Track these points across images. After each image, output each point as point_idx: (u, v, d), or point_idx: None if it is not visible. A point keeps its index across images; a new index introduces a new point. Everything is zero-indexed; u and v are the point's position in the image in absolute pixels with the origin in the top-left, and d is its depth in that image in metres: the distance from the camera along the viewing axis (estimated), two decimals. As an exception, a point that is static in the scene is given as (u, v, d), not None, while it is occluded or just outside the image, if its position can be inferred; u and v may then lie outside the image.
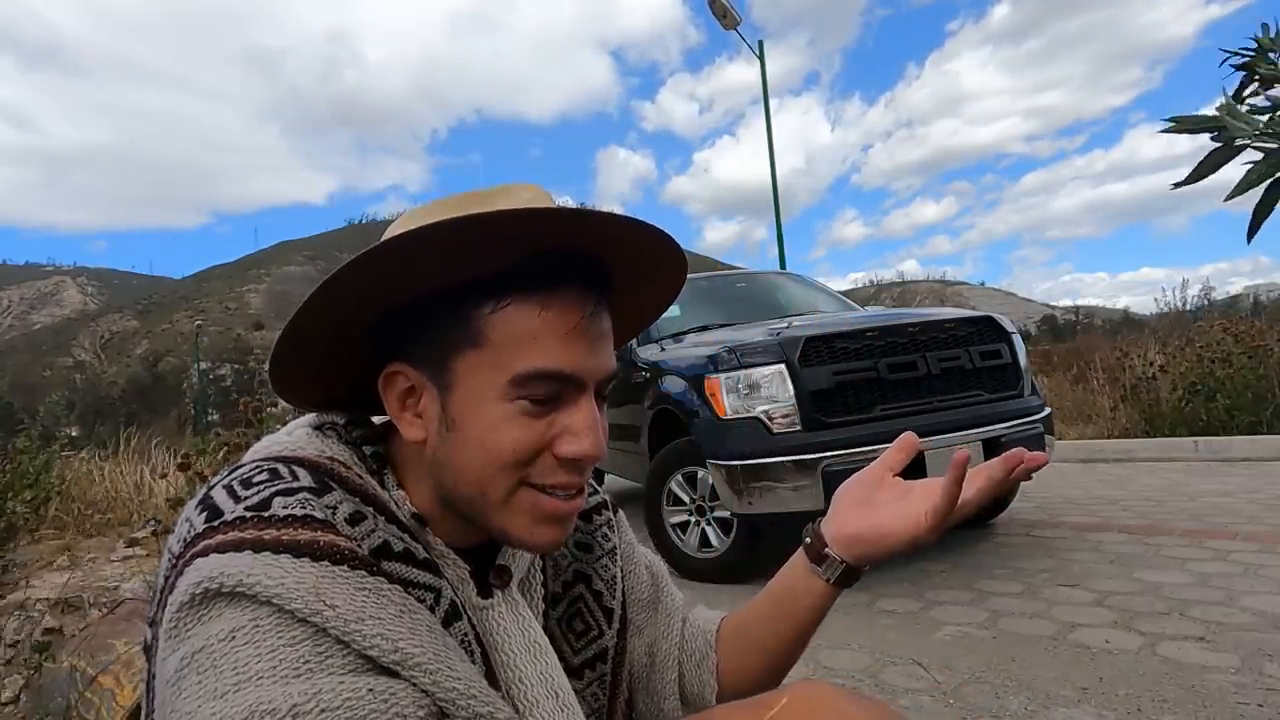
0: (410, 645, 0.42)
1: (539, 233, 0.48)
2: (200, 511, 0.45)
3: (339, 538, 0.44)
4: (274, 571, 0.40)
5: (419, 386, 0.52)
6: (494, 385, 0.49)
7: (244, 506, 0.44)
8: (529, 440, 0.50)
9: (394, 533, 0.49)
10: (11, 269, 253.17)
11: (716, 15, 9.50)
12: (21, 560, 3.49)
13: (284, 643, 0.39)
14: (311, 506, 0.45)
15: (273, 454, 0.51)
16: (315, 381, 0.57)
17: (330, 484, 0.48)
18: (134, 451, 6.16)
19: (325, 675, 0.39)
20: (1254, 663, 1.76)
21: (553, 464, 0.51)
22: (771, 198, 10.03)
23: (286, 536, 0.42)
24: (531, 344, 0.49)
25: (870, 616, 2.39)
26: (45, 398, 48.09)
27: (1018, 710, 1.66)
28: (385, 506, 0.51)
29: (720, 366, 2.82)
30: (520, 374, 0.49)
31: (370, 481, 0.52)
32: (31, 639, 2.08)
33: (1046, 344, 10.07)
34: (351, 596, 0.41)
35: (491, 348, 0.49)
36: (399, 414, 0.53)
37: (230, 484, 0.47)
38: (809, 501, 2.57)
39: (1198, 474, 4.32)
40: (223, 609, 0.40)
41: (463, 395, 0.50)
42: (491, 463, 0.50)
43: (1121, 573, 2.53)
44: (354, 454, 0.54)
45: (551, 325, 0.49)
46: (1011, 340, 3.04)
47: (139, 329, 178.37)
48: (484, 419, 0.50)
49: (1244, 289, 13.25)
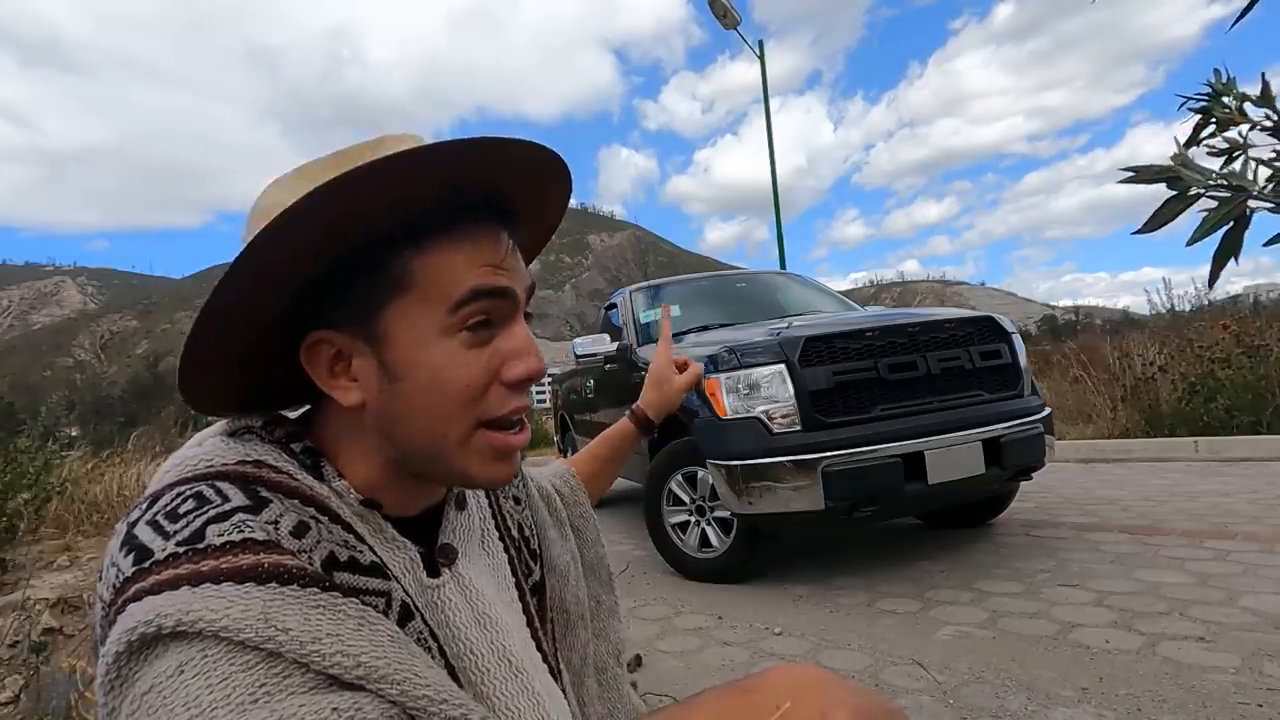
0: (372, 659, 0.40)
1: (444, 169, 0.48)
2: (126, 553, 0.41)
3: (284, 556, 0.42)
4: (216, 604, 0.38)
5: (346, 349, 0.51)
6: (433, 322, 0.50)
7: (175, 542, 0.41)
8: (478, 373, 0.50)
9: (338, 538, 0.48)
10: (11, 269, 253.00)
11: (716, 15, 9.50)
12: (21, 560, 3.49)
13: (236, 669, 0.37)
14: (250, 528, 0.42)
15: (192, 473, 0.48)
16: (231, 378, 0.54)
17: (264, 495, 0.46)
18: (134, 451, 6.16)
19: (285, 697, 0.37)
20: (1254, 663, 1.76)
21: (503, 392, 0.52)
22: (772, 197, 10.03)
23: (226, 564, 0.40)
24: (462, 270, 0.50)
25: (870, 616, 2.39)
26: (45, 398, 48.10)
27: (1018, 710, 1.66)
28: (326, 505, 0.49)
29: (720, 366, 2.82)
30: (459, 298, 0.49)
31: (305, 480, 0.50)
32: (30, 639, 2.08)
33: (1046, 344, 10.05)
34: (305, 616, 0.39)
35: (421, 287, 0.49)
36: (330, 382, 0.52)
37: (154, 519, 0.43)
38: (809, 501, 2.57)
39: (1198, 474, 4.32)
40: (167, 646, 0.38)
41: (402, 343, 0.50)
42: (446, 403, 0.50)
43: (1121, 573, 2.53)
44: (281, 453, 0.51)
45: (474, 251, 0.50)
46: (1011, 340, 3.04)
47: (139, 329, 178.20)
48: (430, 361, 0.50)
49: (1244, 289, 13.24)
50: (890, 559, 3.05)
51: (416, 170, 0.46)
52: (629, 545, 3.88)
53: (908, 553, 3.12)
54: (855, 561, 3.06)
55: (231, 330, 0.50)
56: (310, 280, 0.50)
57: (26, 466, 4.01)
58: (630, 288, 4.59)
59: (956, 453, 2.65)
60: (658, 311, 4.17)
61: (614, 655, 0.78)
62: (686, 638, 2.40)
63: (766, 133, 10.05)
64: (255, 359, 0.53)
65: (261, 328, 0.51)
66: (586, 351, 4.15)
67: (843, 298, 4.68)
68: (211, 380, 0.53)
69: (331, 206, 0.45)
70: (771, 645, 2.25)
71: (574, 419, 5.36)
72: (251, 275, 0.47)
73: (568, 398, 5.56)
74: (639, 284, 4.68)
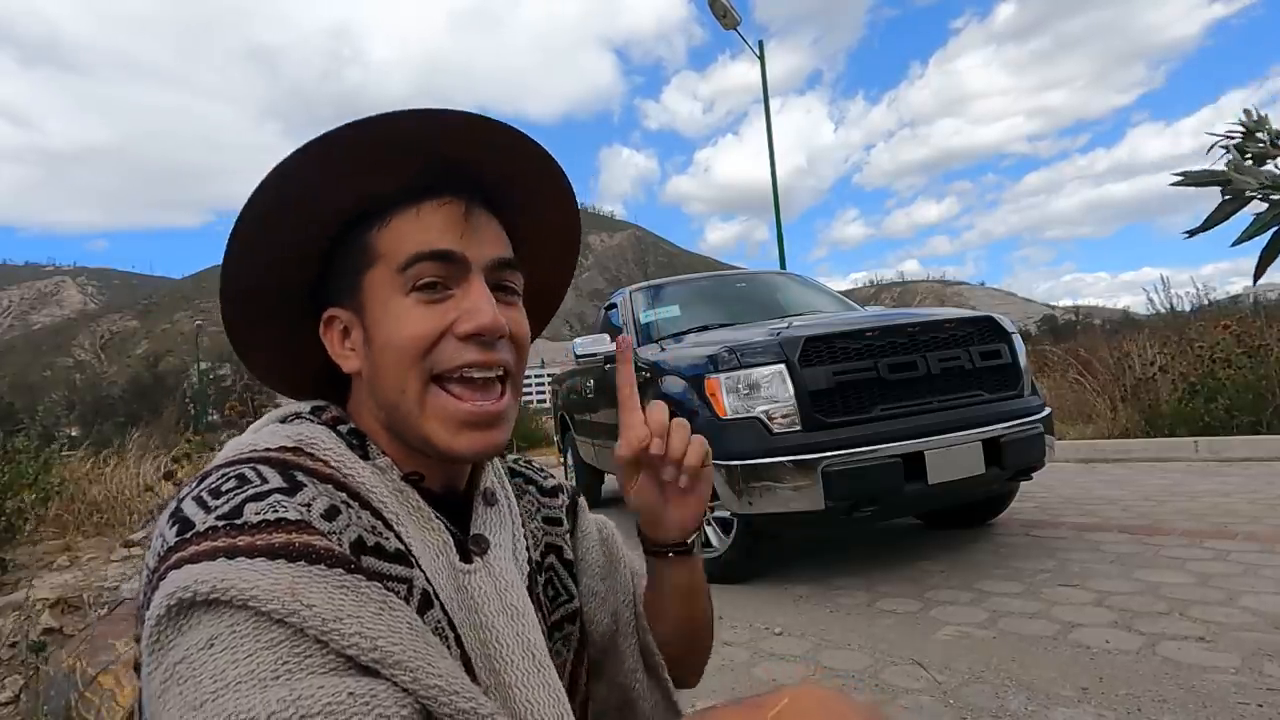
0: (389, 644, 0.42)
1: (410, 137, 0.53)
2: (172, 525, 0.45)
3: (314, 536, 0.44)
4: (248, 575, 0.40)
5: (348, 321, 0.58)
6: (389, 286, 0.54)
7: (215, 516, 0.44)
8: (426, 326, 0.54)
9: (366, 524, 0.50)
10: (11, 269, 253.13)
11: (716, 15, 9.50)
12: (21, 560, 3.49)
13: (261, 646, 0.39)
14: (284, 508, 0.45)
15: (237, 457, 0.51)
16: (288, 361, 0.62)
17: (300, 479, 0.48)
18: (134, 451, 6.16)
19: (304, 677, 0.38)
20: (1254, 663, 1.76)
21: (457, 345, 0.54)
22: (772, 197, 10.03)
23: (260, 541, 0.42)
24: (410, 237, 0.55)
25: (870, 616, 2.39)
26: (45, 398, 48.11)
27: (1018, 710, 1.66)
28: (358, 492, 0.51)
29: (720, 366, 2.82)
30: (403, 260, 0.54)
31: (345, 461, 0.53)
32: (30, 639, 2.08)
33: (1046, 344, 10.05)
34: (329, 595, 0.41)
35: (383, 259, 0.55)
36: (339, 352, 0.58)
37: (200, 494, 0.46)
38: (809, 501, 2.57)
39: (1198, 474, 4.32)
40: (200, 617, 0.40)
41: (372, 309, 0.55)
42: (399, 358, 0.54)
43: (1121, 573, 2.53)
44: (330, 434, 0.55)
45: (426, 220, 0.55)
46: (1011, 340, 3.04)
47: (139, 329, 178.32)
48: (388, 318, 0.54)
49: (1244, 289, 13.24)
50: (890, 559, 3.05)
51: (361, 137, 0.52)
52: (629, 545, 3.88)
53: (908, 553, 3.12)
54: (855, 561, 3.06)
55: (256, 312, 0.58)
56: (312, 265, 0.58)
57: (26, 466, 4.01)
58: (630, 288, 4.59)
59: (956, 453, 2.65)
60: (658, 312, 4.16)
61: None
62: (686, 638, 2.40)
63: (767, 133, 10.05)
64: (296, 342, 0.60)
65: (287, 310, 0.59)
66: (586, 352, 4.15)
67: (843, 298, 4.68)
68: (264, 363, 0.61)
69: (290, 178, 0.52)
70: (771, 645, 2.25)
71: (574, 419, 5.36)
72: (239, 251, 0.54)
73: (568, 398, 5.56)
74: (639, 284, 4.68)
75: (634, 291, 4.49)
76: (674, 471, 0.64)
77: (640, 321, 4.13)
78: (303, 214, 0.55)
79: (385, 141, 0.53)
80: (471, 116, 0.54)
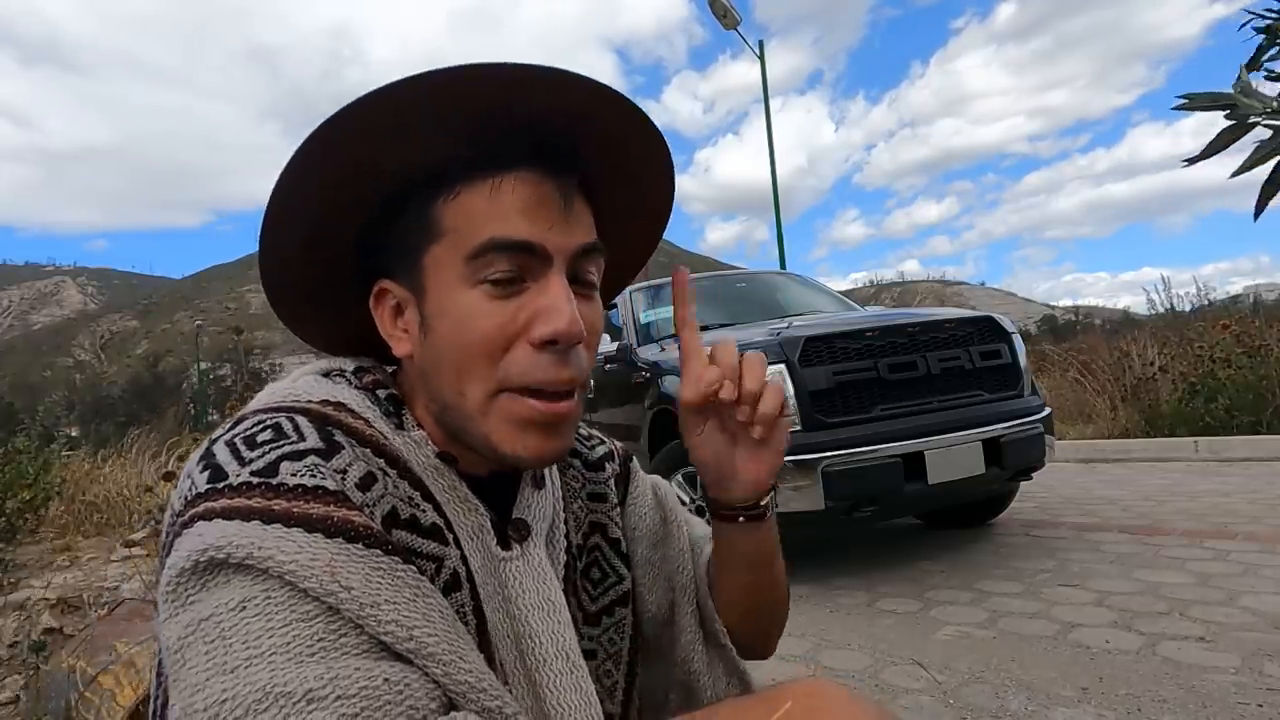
0: (425, 634, 0.40)
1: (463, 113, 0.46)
2: (203, 469, 0.43)
3: (353, 512, 0.42)
4: (287, 546, 0.38)
5: (403, 299, 0.52)
6: (455, 272, 0.48)
7: (250, 470, 0.42)
8: (496, 325, 0.47)
9: (404, 493, 0.48)
10: (11, 269, 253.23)
11: (717, 15, 9.51)
12: (21, 560, 3.49)
13: (297, 618, 0.37)
14: (322, 475, 0.43)
15: (276, 404, 0.48)
16: (321, 322, 0.57)
17: (337, 440, 0.46)
18: (134, 451, 6.16)
19: (340, 657, 0.37)
20: (1254, 663, 1.76)
21: (530, 354, 0.48)
22: (772, 197, 10.04)
23: (298, 509, 0.40)
24: (485, 219, 0.47)
25: (870, 616, 2.39)
26: (45, 398, 48.11)
27: (1018, 710, 1.66)
28: (397, 457, 0.49)
29: (720, 366, 2.82)
30: (474, 247, 0.47)
31: (382, 428, 0.50)
32: (30, 639, 2.08)
33: (1046, 344, 10.07)
34: (367, 577, 0.40)
35: (449, 235, 0.48)
36: (390, 331, 0.53)
37: (233, 441, 0.44)
38: (809, 501, 2.57)
39: (1198, 474, 4.32)
40: (231, 577, 0.38)
41: (433, 293, 0.49)
42: (465, 357, 0.48)
43: (1121, 573, 2.53)
44: (367, 398, 0.51)
45: (504, 200, 0.48)
46: (1011, 340, 3.04)
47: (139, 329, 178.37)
48: (452, 311, 0.48)
49: (1244, 289, 13.24)
50: (890, 559, 3.05)
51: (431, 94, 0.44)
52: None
53: (908, 553, 3.12)
54: (855, 561, 3.06)
55: (299, 272, 0.52)
56: (367, 228, 0.51)
57: (26, 466, 4.01)
58: (630, 288, 4.58)
59: (956, 453, 2.65)
60: (658, 311, 4.16)
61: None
62: (686, 638, 2.40)
63: (767, 133, 10.05)
64: (336, 308, 0.55)
65: (330, 272, 0.53)
66: (587, 352, 4.14)
67: (843, 298, 4.67)
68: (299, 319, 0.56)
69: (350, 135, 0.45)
70: (771, 645, 2.25)
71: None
72: (283, 205, 0.48)
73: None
74: (639, 284, 4.68)
75: (634, 291, 4.49)
76: (749, 414, 0.55)
77: (640, 321, 4.13)
78: (356, 175, 0.48)
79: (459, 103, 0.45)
80: (565, 74, 0.46)
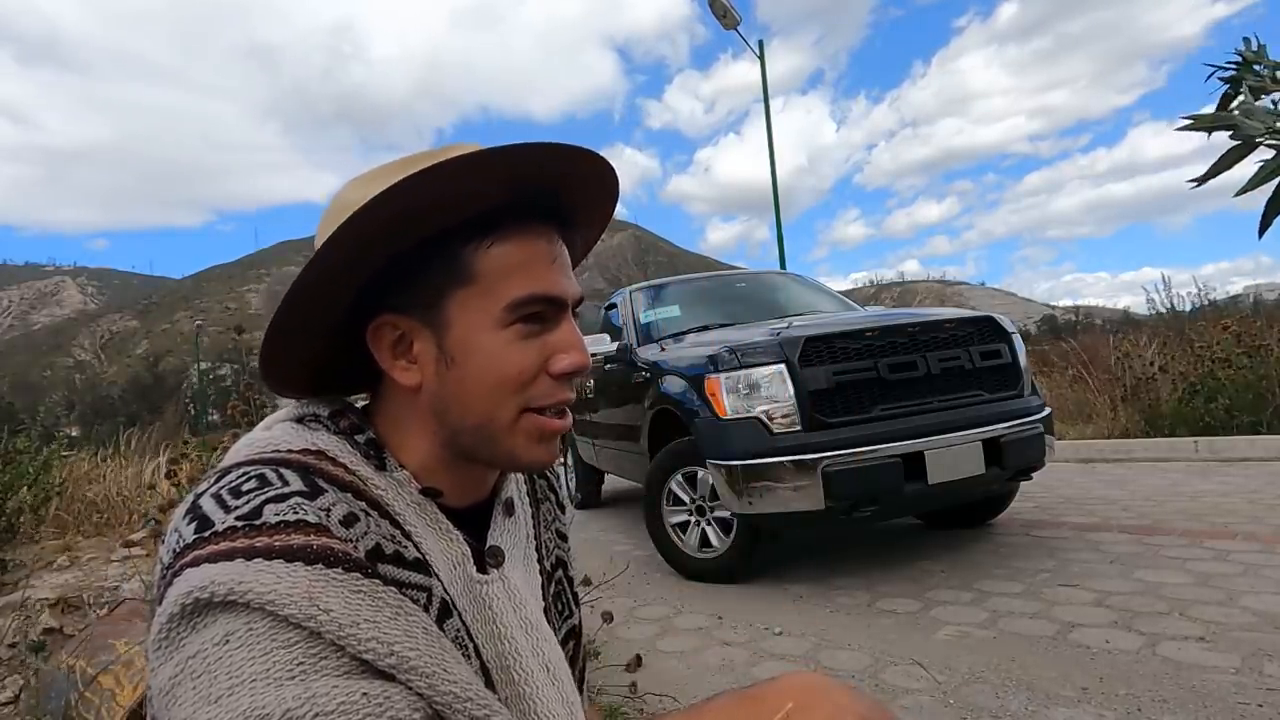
0: (406, 649, 0.42)
1: (518, 169, 0.52)
2: (189, 522, 0.44)
3: (333, 540, 0.44)
4: (266, 578, 0.40)
5: (410, 333, 0.55)
6: (490, 315, 0.54)
7: (235, 516, 0.43)
8: (528, 362, 0.54)
9: (385, 532, 0.50)
10: (11, 269, 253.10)
11: (717, 15, 9.50)
12: (21, 560, 3.49)
13: (278, 645, 0.39)
14: (304, 510, 0.44)
15: (258, 456, 0.50)
16: (304, 353, 0.58)
17: (321, 485, 0.48)
18: (134, 451, 6.16)
19: (319, 678, 0.39)
20: (1254, 663, 1.76)
21: (550, 383, 0.55)
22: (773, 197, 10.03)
23: (279, 542, 0.42)
24: (520, 273, 0.54)
25: (870, 616, 2.39)
26: (45, 398, 48.09)
27: (1018, 710, 1.66)
28: (378, 501, 0.51)
29: (720, 366, 2.82)
30: (515, 300, 0.54)
31: (363, 472, 0.53)
32: (30, 639, 2.08)
33: (1046, 344, 10.07)
34: (346, 600, 0.41)
35: (482, 282, 0.54)
36: (391, 363, 0.56)
37: (219, 493, 0.46)
38: (809, 502, 2.57)
39: (1198, 474, 4.32)
40: (216, 615, 0.40)
41: (460, 331, 0.54)
42: (499, 388, 0.54)
43: (1121, 573, 2.53)
44: (345, 443, 0.54)
45: (532, 256, 0.55)
46: (1011, 340, 3.04)
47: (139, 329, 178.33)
48: (486, 348, 0.54)
49: (1244, 289, 13.25)
50: (890, 559, 3.05)
51: (482, 168, 0.51)
52: (629, 545, 3.88)
53: (908, 553, 3.12)
54: (855, 561, 3.06)
55: (312, 312, 0.54)
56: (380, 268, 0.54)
57: (26, 466, 4.01)
58: (630, 288, 4.59)
59: (956, 453, 2.65)
60: (658, 312, 4.16)
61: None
62: (686, 638, 2.40)
63: (767, 133, 10.04)
64: (329, 340, 0.57)
65: (338, 310, 0.55)
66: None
67: (843, 298, 4.68)
68: (289, 359, 0.57)
69: (403, 200, 0.49)
70: (771, 645, 2.25)
71: (574, 418, 5.36)
72: (333, 260, 0.51)
73: (568, 398, 5.55)
74: (639, 284, 4.68)
75: (634, 291, 4.49)
76: None
77: (640, 321, 4.13)
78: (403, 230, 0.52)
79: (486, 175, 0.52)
80: (569, 149, 0.53)
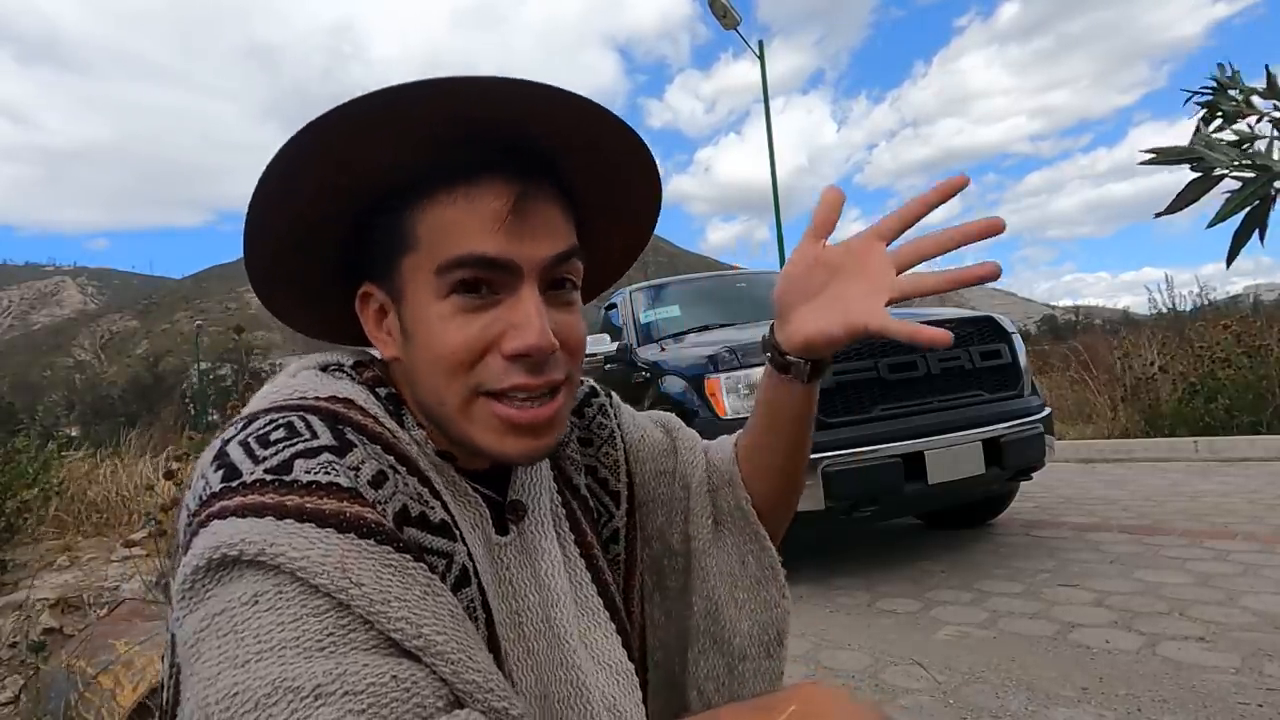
0: (434, 632, 0.41)
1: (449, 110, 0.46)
2: (217, 469, 0.43)
3: (365, 508, 0.42)
4: (299, 541, 0.39)
5: (385, 303, 0.53)
6: (428, 284, 0.49)
7: (264, 469, 0.42)
8: (468, 339, 0.48)
9: (413, 490, 0.48)
10: (11, 269, 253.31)
11: (717, 15, 9.51)
12: (21, 560, 3.49)
13: (308, 612, 0.38)
14: (336, 472, 0.43)
15: (285, 402, 0.48)
16: (308, 311, 0.58)
17: (349, 438, 0.46)
18: (134, 451, 6.16)
19: (350, 652, 0.37)
20: (1254, 663, 1.76)
21: (503, 365, 0.49)
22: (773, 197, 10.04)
23: (310, 505, 0.41)
24: (454, 232, 0.48)
25: (870, 616, 2.39)
26: (45, 398, 48.12)
27: (1018, 710, 1.66)
28: (406, 454, 0.49)
29: (720, 366, 2.82)
30: (442, 263, 0.48)
31: (389, 425, 0.50)
32: (30, 639, 2.08)
33: (1046, 344, 10.07)
34: (378, 574, 0.40)
35: (422, 246, 0.49)
36: (375, 334, 0.54)
37: (246, 440, 0.44)
38: (809, 501, 2.57)
39: (1198, 474, 4.32)
40: (244, 572, 0.39)
41: (410, 302, 0.50)
42: (440, 368, 0.49)
43: (1121, 573, 2.53)
44: (369, 395, 0.52)
45: (472, 212, 0.48)
46: (1011, 340, 3.04)
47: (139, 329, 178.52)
48: (427, 322, 0.49)
49: (1244, 289, 13.25)
50: (890, 559, 3.05)
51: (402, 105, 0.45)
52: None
53: (908, 553, 3.12)
54: (855, 561, 3.06)
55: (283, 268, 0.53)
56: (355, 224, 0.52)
57: (26, 466, 4.01)
58: (630, 288, 4.58)
59: (956, 453, 2.65)
60: (658, 312, 4.16)
61: (762, 642, 0.66)
62: (686, 638, 2.40)
63: (767, 133, 10.05)
64: (322, 301, 0.57)
65: (317, 279, 0.55)
66: (586, 352, 4.14)
67: (843, 298, 4.67)
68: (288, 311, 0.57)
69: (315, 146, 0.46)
70: (771, 645, 2.25)
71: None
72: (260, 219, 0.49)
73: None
74: (639, 284, 4.68)
75: (634, 291, 4.49)
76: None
77: (640, 321, 4.13)
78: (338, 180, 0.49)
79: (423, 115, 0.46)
80: (516, 81, 0.46)
